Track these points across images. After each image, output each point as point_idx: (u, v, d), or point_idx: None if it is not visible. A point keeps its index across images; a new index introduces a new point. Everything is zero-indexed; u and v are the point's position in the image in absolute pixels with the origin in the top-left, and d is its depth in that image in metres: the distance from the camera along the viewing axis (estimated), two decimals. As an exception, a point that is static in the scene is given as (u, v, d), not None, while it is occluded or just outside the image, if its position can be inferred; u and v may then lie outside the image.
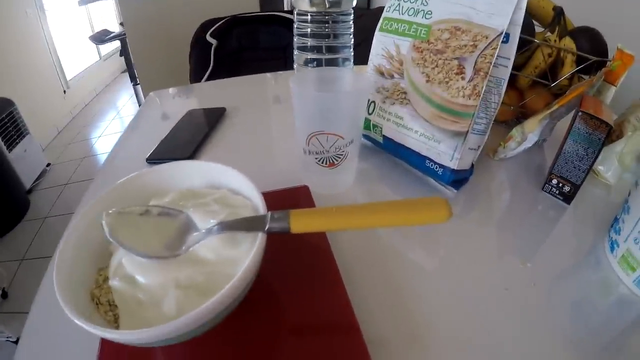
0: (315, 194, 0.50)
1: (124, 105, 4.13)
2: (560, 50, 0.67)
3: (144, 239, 0.32)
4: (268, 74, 1.04)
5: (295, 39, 0.66)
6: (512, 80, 0.73)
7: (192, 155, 0.67)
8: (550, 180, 0.56)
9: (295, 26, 0.65)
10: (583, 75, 0.70)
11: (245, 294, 0.31)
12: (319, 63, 0.64)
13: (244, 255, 0.31)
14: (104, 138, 3.44)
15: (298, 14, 0.64)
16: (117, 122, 3.76)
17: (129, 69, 3.30)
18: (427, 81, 0.53)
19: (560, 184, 0.55)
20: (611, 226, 0.48)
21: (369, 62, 0.61)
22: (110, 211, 0.33)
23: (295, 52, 0.67)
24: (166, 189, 0.40)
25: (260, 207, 0.34)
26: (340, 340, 0.34)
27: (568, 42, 0.68)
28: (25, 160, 2.60)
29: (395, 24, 0.57)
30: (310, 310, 0.36)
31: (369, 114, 0.61)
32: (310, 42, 0.64)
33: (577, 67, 0.66)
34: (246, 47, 1.38)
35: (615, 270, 0.44)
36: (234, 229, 0.32)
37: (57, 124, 3.52)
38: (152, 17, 2.23)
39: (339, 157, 0.48)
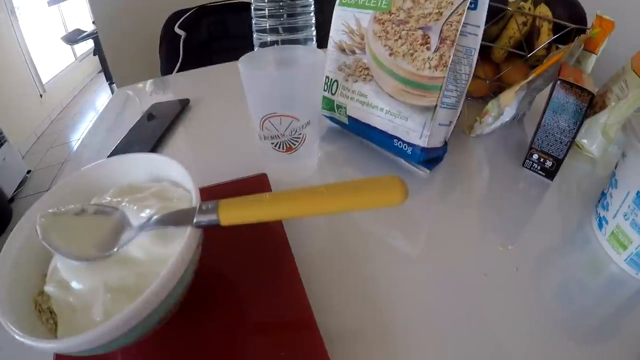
0: (276, 182, 0.47)
1: (103, 105, 4.03)
2: (536, 18, 0.64)
3: (77, 241, 0.31)
4: (235, 62, 1.00)
5: (253, 21, 0.63)
6: (487, 53, 0.70)
7: (153, 149, 0.65)
8: (531, 155, 0.54)
9: (252, 7, 0.61)
10: (561, 45, 0.67)
11: (181, 291, 0.29)
12: (278, 44, 0.60)
13: (175, 252, 0.28)
14: (85, 141, 3.37)
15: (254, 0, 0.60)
16: (97, 123, 3.70)
17: (104, 67, 3.24)
18: (391, 54, 0.49)
19: (542, 159, 0.53)
20: (598, 202, 0.45)
21: (330, 39, 0.58)
22: (45, 212, 0.31)
23: (255, 35, 0.63)
24: (111, 185, 0.38)
25: (194, 198, 0.32)
26: (295, 337, 0.32)
27: (543, 10, 0.65)
28: (5, 169, 2.54)
29: (356, -4, 0.54)
30: (265, 305, 0.35)
31: (332, 94, 0.58)
32: (268, 23, 0.60)
33: (554, 35, 0.63)
34: (216, 36, 1.35)
35: (605, 249, 0.42)
36: (163, 224, 0.30)
37: (36, 129, 3.45)
38: (123, 12, 2.18)
39: (296, 141, 0.45)
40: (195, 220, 0.29)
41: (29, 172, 2.86)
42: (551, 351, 0.33)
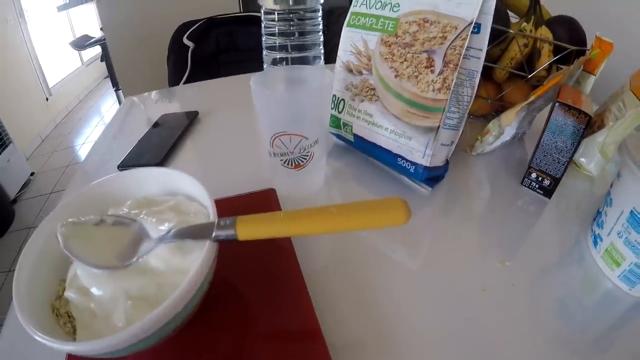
0: (284, 197, 0.48)
1: (108, 110, 4.07)
2: (537, 40, 0.66)
3: (97, 250, 0.32)
4: (243, 75, 1.02)
5: (263, 39, 0.64)
6: (489, 73, 0.71)
7: (162, 161, 0.65)
8: (530, 174, 0.55)
9: (263, 25, 0.63)
10: (561, 66, 0.69)
11: (197, 302, 0.30)
12: (287, 62, 0.62)
13: (193, 265, 0.30)
14: (88, 145, 3.38)
15: (265, 13, 0.62)
16: (101, 128, 3.70)
17: (111, 74, 3.26)
18: (396, 76, 0.51)
19: (540, 178, 0.54)
20: (594, 220, 0.46)
21: (337, 59, 0.59)
22: (65, 222, 0.32)
23: (264, 52, 0.65)
24: (125, 197, 0.39)
25: (212, 214, 0.33)
26: (302, 347, 0.33)
27: (544, 32, 0.66)
28: (8, 170, 2.56)
29: (363, 18, 0.55)
30: (272, 316, 0.36)
31: (339, 112, 0.59)
32: (278, 41, 0.62)
33: (555, 57, 0.65)
34: (224, 48, 1.36)
35: (600, 266, 0.43)
36: (182, 237, 0.32)
37: (40, 132, 3.46)
38: (131, 20, 2.19)
39: (305, 158, 0.46)
40: (214, 235, 0.30)
41: (32, 174, 2.87)
42: None
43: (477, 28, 0.48)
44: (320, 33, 0.64)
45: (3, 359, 0.38)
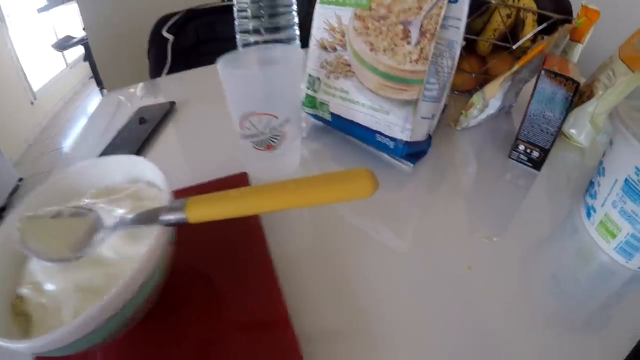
0: (258, 180, 0.47)
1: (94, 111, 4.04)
2: (520, 10, 0.64)
3: (53, 243, 0.31)
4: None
5: (236, 22, 0.62)
6: (473, 46, 0.70)
7: (137, 152, 0.64)
8: (517, 146, 0.54)
9: (235, 8, 0.61)
10: (547, 36, 0.67)
11: (150, 291, 0.29)
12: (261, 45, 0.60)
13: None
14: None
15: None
16: (89, 129, 3.68)
17: (95, 73, 3.23)
18: (371, 50, 0.49)
19: (528, 150, 0.53)
20: (586, 191, 0.45)
21: (311, 37, 0.57)
22: (22, 216, 0.32)
23: (237, 35, 0.63)
24: (88, 187, 0.38)
25: (166, 197, 0.32)
26: (269, 336, 0.32)
27: (527, 1, 0.65)
28: (-4, 178, 2.52)
29: (336, -7, 0.53)
30: (240, 303, 0.35)
31: (315, 91, 0.57)
32: (250, 23, 0.59)
33: (539, 26, 0.63)
34: (204, 39, 1.34)
35: (594, 238, 0.42)
36: (132, 223, 0.30)
37: (27, 137, 3.42)
38: (113, 17, 2.17)
39: (276, 139, 0.44)
40: (163, 219, 0.29)
41: (20, 179, 2.83)
42: (542, 341, 0.33)
43: None
44: (294, 13, 0.61)
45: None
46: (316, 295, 0.37)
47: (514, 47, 0.63)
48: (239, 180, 0.46)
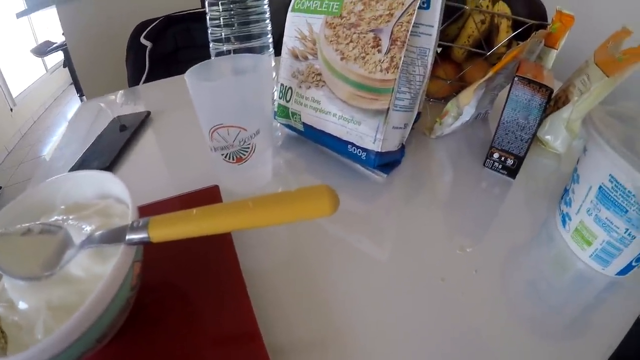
0: (230, 192, 0.46)
1: (75, 118, 3.99)
2: (494, 15, 0.64)
3: (23, 260, 0.31)
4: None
5: (209, 31, 0.62)
6: (448, 53, 0.70)
7: (111, 165, 0.63)
8: (492, 154, 0.54)
9: (207, 17, 0.60)
10: (522, 42, 0.67)
11: (119, 309, 0.29)
12: (233, 53, 0.59)
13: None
14: (58, 154, 3.30)
15: (209, 4, 0.59)
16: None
17: (74, 80, 3.19)
18: (342, 59, 0.49)
19: (503, 158, 0.53)
20: (561, 198, 0.45)
21: (283, 46, 0.57)
22: None
23: (210, 44, 0.62)
24: (59, 203, 0.38)
25: (130, 215, 0.31)
26: (241, 351, 0.32)
27: (502, 7, 0.65)
28: (-26, 186, 2.48)
29: (307, 2, 0.53)
30: (212, 317, 0.35)
31: (287, 101, 0.57)
32: (223, 32, 0.59)
33: (514, 32, 0.63)
34: (182, 46, 1.34)
35: (570, 246, 0.42)
36: (98, 242, 0.31)
37: (6, 144, 3.36)
38: (93, 23, 2.16)
39: (246, 151, 0.44)
40: (127, 238, 0.29)
41: (0, 188, 2.78)
42: (520, 349, 0.33)
43: (427, 3, 0.46)
44: (268, 22, 0.61)
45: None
46: (288, 306, 0.37)
47: (488, 53, 0.63)
48: (210, 194, 0.45)
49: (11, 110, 3.56)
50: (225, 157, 0.44)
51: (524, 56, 0.56)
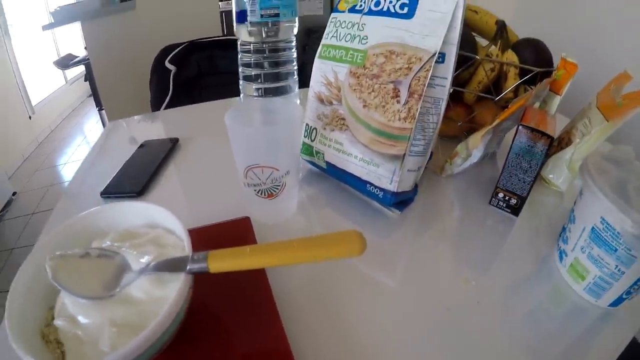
0: (258, 223, 0.50)
1: (91, 130, 4.04)
2: (503, 64, 0.68)
3: (83, 280, 0.34)
4: (223, 101, 1.04)
5: (240, 69, 0.66)
6: (459, 96, 0.74)
7: (143, 189, 0.66)
8: (497, 194, 0.57)
9: (239, 57, 0.65)
10: (530, 87, 0.72)
11: (175, 328, 0.33)
12: (262, 91, 0.64)
13: (171, 294, 0.33)
14: (71, 165, 3.35)
15: (241, 45, 0.64)
16: (84, 147, 3.67)
17: (94, 94, 3.25)
18: (364, 106, 0.53)
19: (507, 197, 0.56)
20: (559, 236, 0.49)
21: (310, 90, 0.61)
22: (53, 255, 0.35)
23: (241, 82, 0.67)
24: (107, 228, 0.41)
25: (187, 247, 0.36)
26: None
27: (510, 55, 0.69)
28: (-10, 190, 2.52)
29: (333, 50, 0.58)
30: (246, 339, 0.38)
31: (312, 140, 0.61)
32: (253, 71, 0.64)
33: (521, 79, 0.67)
34: (205, 72, 1.38)
35: (566, 280, 0.46)
36: (160, 269, 0.35)
37: (23, 151, 3.43)
38: (115, 41, 2.22)
39: (277, 188, 0.48)
40: (188, 268, 0.33)
41: (14, 193, 2.84)
42: None
43: (442, 58, 0.50)
44: (295, 63, 0.66)
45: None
46: (313, 330, 0.40)
47: (497, 98, 0.67)
48: (242, 225, 0.49)
49: (30, 117, 3.62)
50: (258, 192, 0.49)
51: (531, 101, 0.60)
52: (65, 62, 3.34)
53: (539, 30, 0.74)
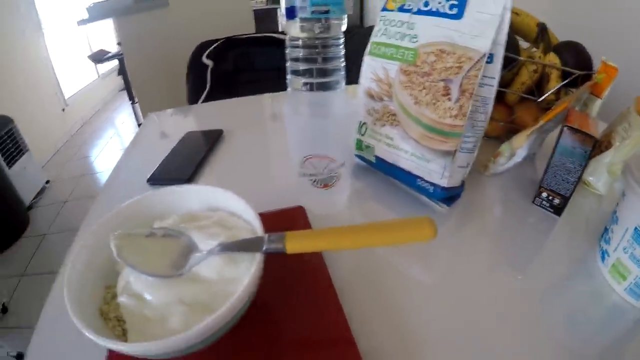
0: (311, 213, 0.52)
1: (123, 123, 4.15)
2: (545, 66, 0.69)
3: (150, 259, 0.35)
4: (262, 96, 1.05)
5: (288, 64, 0.68)
6: (501, 96, 0.74)
7: (191, 177, 0.68)
8: (540, 193, 0.58)
9: (287, 51, 0.67)
10: (570, 89, 0.72)
11: (245, 310, 0.33)
12: (311, 86, 0.66)
13: (242, 274, 0.33)
14: (102, 156, 3.45)
15: (290, 40, 0.66)
16: (116, 140, 3.78)
17: (127, 88, 3.34)
18: (415, 103, 0.55)
19: (550, 197, 0.57)
20: (601, 236, 0.49)
21: (359, 86, 0.62)
22: (116, 233, 0.35)
23: (289, 76, 0.69)
24: (167, 211, 0.42)
25: (258, 229, 0.37)
26: (336, 353, 0.36)
27: (552, 58, 0.69)
28: (24, 177, 2.61)
29: (383, 47, 0.59)
30: (307, 325, 0.38)
31: (361, 135, 0.62)
32: (302, 66, 0.65)
33: (563, 81, 0.68)
34: (242, 68, 1.40)
35: (607, 280, 0.46)
36: (234, 249, 0.35)
37: (56, 142, 3.54)
38: (148, 37, 2.27)
39: (332, 179, 0.50)
40: (265, 248, 0.34)
41: (47, 182, 2.94)
42: None
43: (490, 58, 0.51)
44: (342, 59, 0.67)
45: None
46: (368, 320, 0.41)
47: (539, 100, 0.68)
48: (297, 213, 0.50)
49: (63, 110, 3.73)
50: (313, 182, 0.51)
51: (573, 104, 0.60)
52: (100, 57, 3.43)
53: (574, 33, 0.74)
